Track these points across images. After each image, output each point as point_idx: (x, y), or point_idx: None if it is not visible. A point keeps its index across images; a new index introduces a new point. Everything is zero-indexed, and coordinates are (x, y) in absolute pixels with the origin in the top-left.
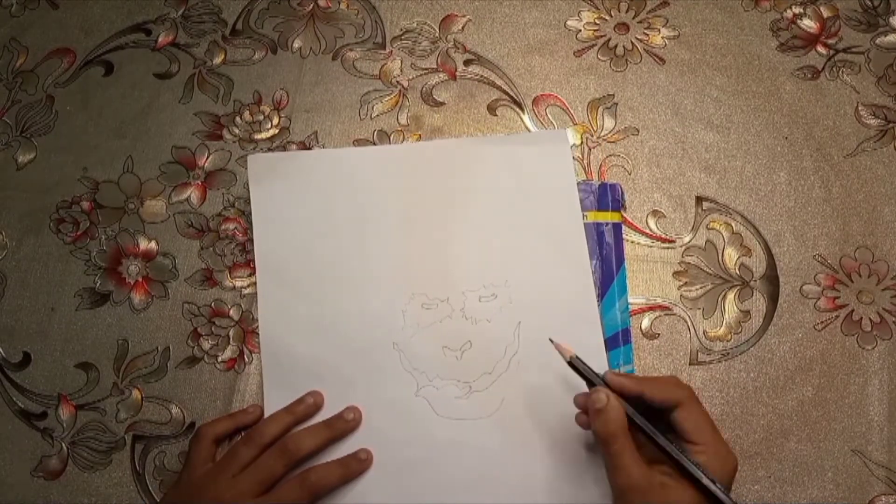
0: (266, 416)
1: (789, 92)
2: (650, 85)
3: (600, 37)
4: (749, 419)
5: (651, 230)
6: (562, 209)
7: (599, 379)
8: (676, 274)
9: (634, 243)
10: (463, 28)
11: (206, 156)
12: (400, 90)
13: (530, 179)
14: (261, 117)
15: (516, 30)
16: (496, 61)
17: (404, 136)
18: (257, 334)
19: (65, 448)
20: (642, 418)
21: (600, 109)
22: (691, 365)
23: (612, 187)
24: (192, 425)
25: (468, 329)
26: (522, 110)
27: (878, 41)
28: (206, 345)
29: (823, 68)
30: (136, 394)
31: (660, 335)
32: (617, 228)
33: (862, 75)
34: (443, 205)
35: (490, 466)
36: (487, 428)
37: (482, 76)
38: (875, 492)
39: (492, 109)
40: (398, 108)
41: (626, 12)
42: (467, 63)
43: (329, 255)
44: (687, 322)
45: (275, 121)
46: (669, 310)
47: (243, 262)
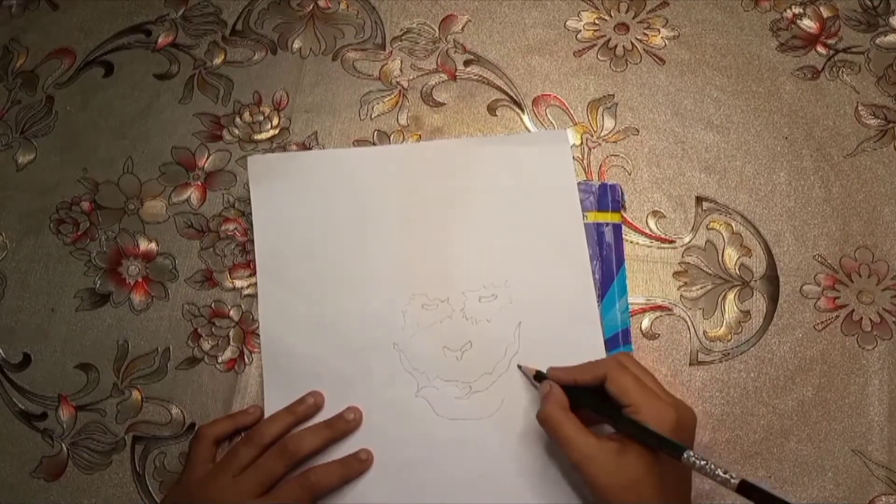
0: (266, 416)
1: (789, 92)
2: (650, 85)
3: (600, 37)
4: (749, 419)
5: (651, 230)
6: (562, 209)
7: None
8: (676, 274)
9: (634, 243)
10: (463, 28)
11: (206, 156)
12: (400, 90)
13: (530, 180)
14: (261, 118)
15: (516, 30)
16: (496, 61)
17: (404, 137)
18: (257, 335)
19: (65, 449)
20: (584, 393)
21: (600, 109)
22: (691, 365)
23: (612, 188)
24: (192, 426)
25: (468, 329)
26: (522, 110)
27: (878, 41)
28: (207, 345)
29: (823, 68)
30: (136, 395)
31: (660, 335)
32: (617, 229)
33: (862, 75)
34: (443, 205)
35: (490, 467)
36: (487, 428)
37: (482, 76)
38: (875, 492)
39: (492, 110)
40: (398, 109)
41: (626, 12)
42: (467, 63)
43: (329, 256)
44: (687, 322)
45: (275, 121)
46: (669, 310)
47: (243, 262)
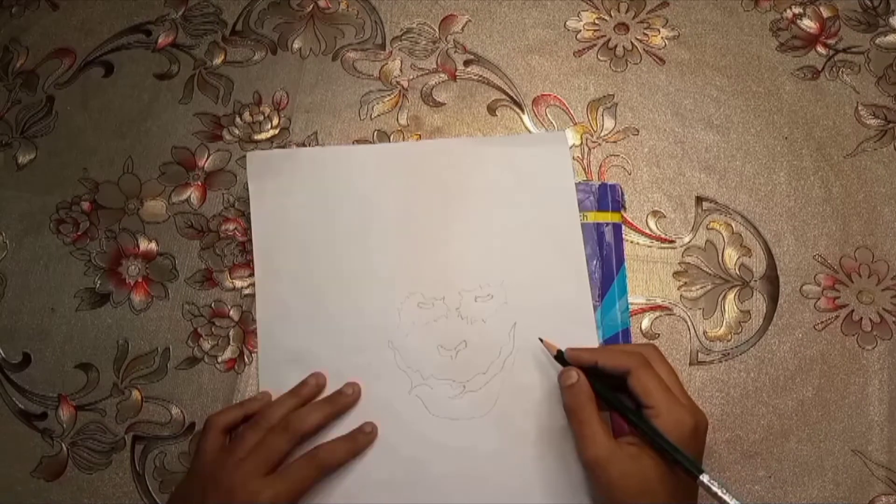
0: None
1: (789, 92)
2: (650, 85)
3: (600, 37)
4: (749, 419)
5: (651, 230)
6: (560, 211)
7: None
8: (676, 274)
9: (634, 243)
10: (463, 28)
11: (206, 156)
12: (400, 90)
13: (529, 180)
14: (261, 118)
15: (516, 30)
16: (496, 61)
17: (404, 137)
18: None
19: (65, 449)
20: (606, 389)
21: (600, 110)
22: (691, 365)
23: (612, 188)
24: (192, 426)
25: (464, 329)
26: (522, 110)
27: (877, 41)
28: (207, 345)
29: (823, 68)
30: (136, 394)
31: (660, 335)
32: (617, 229)
33: (862, 75)
34: (441, 204)
35: (483, 466)
36: (481, 428)
37: (482, 76)
38: (875, 492)
39: (492, 110)
40: (398, 109)
41: (626, 13)
42: (467, 63)
43: (326, 253)
44: (687, 322)
45: (275, 121)
46: (669, 310)
47: (243, 262)
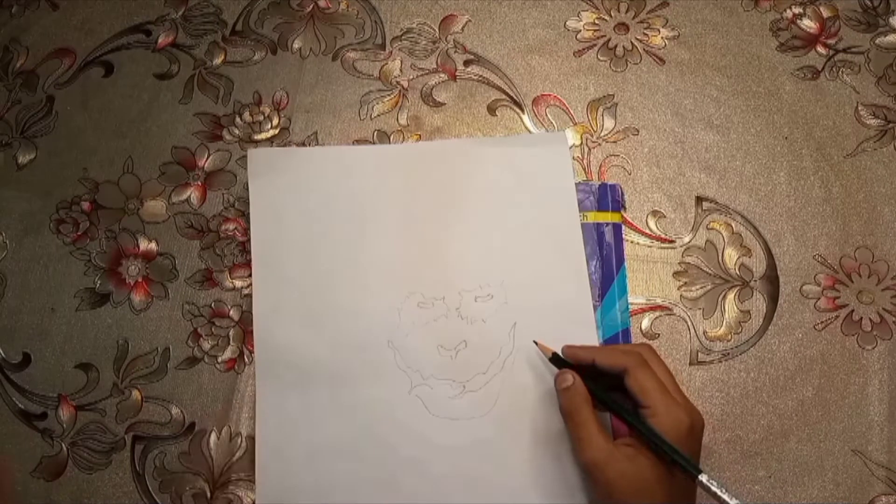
0: (258, 411)
1: (789, 92)
2: (650, 85)
3: (600, 37)
4: (749, 419)
5: (651, 230)
6: (560, 211)
7: (570, 364)
8: (676, 274)
9: (634, 243)
10: (463, 28)
11: (206, 156)
12: (400, 90)
13: (529, 180)
14: (261, 118)
15: (516, 30)
16: (496, 61)
17: (404, 137)
18: None
19: (65, 449)
20: (602, 390)
21: (600, 110)
22: (691, 365)
23: (612, 188)
24: (192, 426)
25: (463, 329)
26: (522, 111)
27: (877, 41)
28: (206, 345)
29: (823, 68)
30: (136, 394)
31: (660, 335)
32: (617, 229)
33: (862, 75)
34: (441, 204)
35: (483, 466)
36: (481, 428)
37: (482, 76)
38: (875, 492)
39: (492, 110)
40: (398, 109)
41: (626, 12)
42: (467, 63)
43: (326, 252)
44: (687, 322)
45: (275, 121)
46: (669, 310)
47: (243, 262)
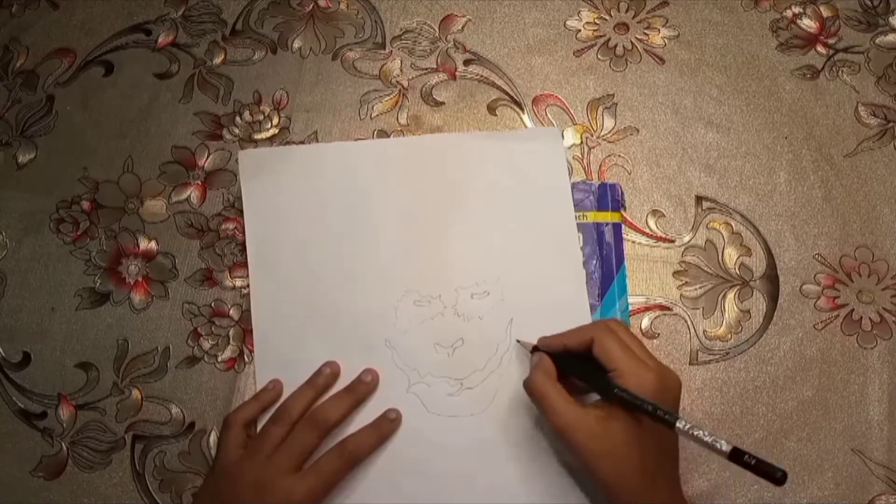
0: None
1: (789, 92)
2: (650, 85)
3: (600, 37)
4: (749, 419)
5: (651, 230)
6: (555, 207)
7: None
8: (676, 273)
9: (634, 243)
10: (463, 28)
11: (206, 156)
12: (400, 90)
13: (524, 177)
14: (261, 117)
15: (516, 30)
16: (496, 61)
17: (404, 136)
18: None
19: (64, 448)
20: (568, 363)
21: (600, 109)
22: (691, 365)
23: (612, 187)
24: (192, 425)
25: (460, 326)
26: (522, 110)
27: (877, 41)
28: (206, 344)
29: (823, 68)
30: (135, 394)
31: (660, 335)
32: (617, 228)
33: (862, 75)
34: (436, 201)
35: (481, 463)
36: (479, 424)
37: (482, 76)
38: (875, 491)
39: (492, 109)
40: (398, 108)
41: (626, 12)
42: (467, 63)
43: (321, 251)
44: (687, 322)
45: (275, 121)
46: (669, 309)
47: (243, 261)
